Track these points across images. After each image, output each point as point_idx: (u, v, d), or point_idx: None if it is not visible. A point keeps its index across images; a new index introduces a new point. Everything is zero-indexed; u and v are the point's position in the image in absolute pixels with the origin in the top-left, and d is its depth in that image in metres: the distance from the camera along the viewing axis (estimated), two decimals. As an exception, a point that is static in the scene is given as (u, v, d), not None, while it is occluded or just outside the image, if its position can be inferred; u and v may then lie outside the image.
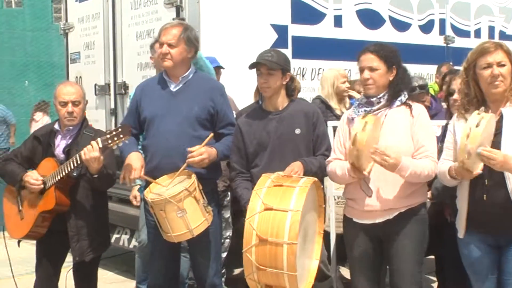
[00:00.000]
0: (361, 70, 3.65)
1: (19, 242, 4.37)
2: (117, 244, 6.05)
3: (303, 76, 6.32)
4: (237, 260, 3.62)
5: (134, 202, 4.95)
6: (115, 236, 6.03)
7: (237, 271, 5.96)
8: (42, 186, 4.03)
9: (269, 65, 3.86)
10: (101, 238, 4.26)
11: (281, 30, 6.18)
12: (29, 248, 4.48)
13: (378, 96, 3.65)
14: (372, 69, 3.62)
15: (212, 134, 3.89)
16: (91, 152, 3.76)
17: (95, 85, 6.61)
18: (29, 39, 15.34)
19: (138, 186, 4.87)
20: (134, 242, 5.98)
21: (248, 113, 4.11)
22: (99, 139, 3.77)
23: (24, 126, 13.84)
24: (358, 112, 3.64)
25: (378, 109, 3.64)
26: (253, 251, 3.32)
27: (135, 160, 3.87)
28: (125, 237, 6.08)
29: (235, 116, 4.43)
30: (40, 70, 15.11)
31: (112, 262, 6.56)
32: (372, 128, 3.37)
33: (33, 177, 4.03)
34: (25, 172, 4.12)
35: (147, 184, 3.92)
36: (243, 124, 3.99)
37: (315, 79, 6.40)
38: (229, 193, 5.07)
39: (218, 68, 5.29)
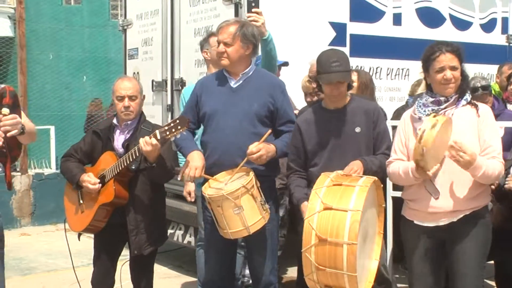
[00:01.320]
0: (441, 70, 3.53)
1: (79, 235, 4.42)
2: (171, 239, 6.09)
3: (360, 75, 6.23)
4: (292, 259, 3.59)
5: (188, 198, 4.96)
6: (169, 231, 6.07)
7: (290, 270, 5.93)
8: (98, 189, 4.09)
9: (342, 78, 3.79)
10: (159, 232, 4.31)
11: (339, 28, 6.12)
12: (85, 240, 4.55)
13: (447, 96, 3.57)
14: (454, 69, 3.53)
15: (270, 131, 3.87)
16: (149, 143, 3.79)
17: (152, 81, 6.67)
18: (86, 35, 15.62)
19: (192, 183, 4.87)
20: (188, 238, 6.01)
21: (307, 112, 4.07)
22: (157, 131, 3.81)
23: (81, 121, 14.11)
24: (425, 111, 3.56)
25: (445, 108, 3.55)
26: (312, 251, 3.28)
27: (197, 158, 3.87)
28: (179, 233, 6.12)
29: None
30: (96, 66, 15.36)
31: (165, 257, 6.63)
32: (441, 129, 3.28)
33: (91, 182, 4.10)
34: (83, 172, 4.19)
35: (205, 179, 3.93)
36: (302, 123, 3.95)
37: (372, 77, 6.31)
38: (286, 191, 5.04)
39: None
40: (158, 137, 3.78)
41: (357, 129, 3.84)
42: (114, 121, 4.27)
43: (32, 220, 9.22)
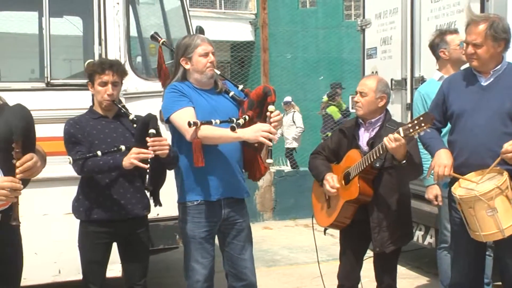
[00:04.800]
0: None
1: (325, 230, 4.56)
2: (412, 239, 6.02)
3: None
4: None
5: (435, 202, 4.82)
6: (409, 231, 6.01)
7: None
8: (336, 193, 4.18)
9: None
10: (402, 231, 4.28)
11: None
12: (324, 237, 4.68)
13: None
14: None
15: None
16: (393, 140, 3.79)
17: (391, 80, 6.62)
18: (321, 36, 16.12)
19: (435, 185, 4.77)
20: (428, 239, 5.90)
21: None
22: (400, 129, 3.80)
23: (315, 120, 14.57)
24: None
25: None
26: None
27: (445, 157, 3.81)
28: (419, 233, 6.02)
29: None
30: (330, 66, 15.76)
31: (403, 257, 6.55)
32: None
33: (329, 183, 4.19)
34: (328, 171, 4.29)
35: (453, 180, 3.84)
36: None
37: None
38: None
39: None
40: (402, 134, 3.77)
41: None
42: (359, 119, 4.34)
43: (273, 215, 9.68)
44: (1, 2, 6.35)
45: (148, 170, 3.69)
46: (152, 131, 3.72)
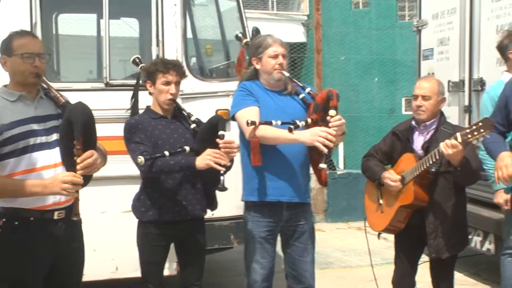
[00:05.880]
0: None
1: (379, 234, 4.50)
2: (468, 245, 5.88)
3: None
4: None
5: (505, 207, 4.69)
6: (466, 236, 5.88)
7: None
8: (400, 187, 4.11)
9: None
10: (458, 237, 4.20)
11: None
12: (377, 240, 4.64)
13: None
14: None
15: None
16: (450, 146, 3.71)
17: (449, 81, 6.49)
18: (374, 37, 15.90)
19: (503, 190, 4.64)
20: (487, 245, 5.75)
21: None
22: (458, 134, 3.70)
23: (367, 122, 14.41)
24: None
25: None
26: None
27: (506, 157, 3.69)
28: (477, 239, 5.88)
29: None
30: (383, 67, 15.53)
31: (461, 263, 6.41)
32: None
33: (391, 179, 4.13)
34: (383, 170, 4.24)
35: (516, 185, 3.74)
36: None
37: None
38: None
39: None
40: (459, 140, 3.68)
41: None
42: (413, 122, 4.26)
43: (325, 217, 9.63)
44: (61, 6, 6.50)
45: (223, 171, 3.65)
46: (222, 132, 3.72)
